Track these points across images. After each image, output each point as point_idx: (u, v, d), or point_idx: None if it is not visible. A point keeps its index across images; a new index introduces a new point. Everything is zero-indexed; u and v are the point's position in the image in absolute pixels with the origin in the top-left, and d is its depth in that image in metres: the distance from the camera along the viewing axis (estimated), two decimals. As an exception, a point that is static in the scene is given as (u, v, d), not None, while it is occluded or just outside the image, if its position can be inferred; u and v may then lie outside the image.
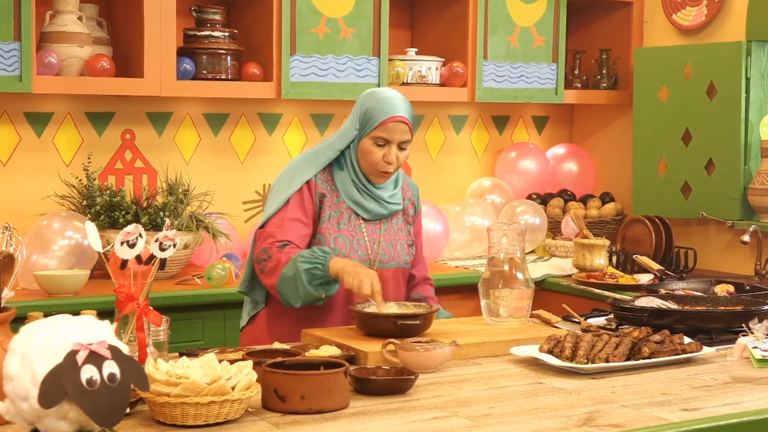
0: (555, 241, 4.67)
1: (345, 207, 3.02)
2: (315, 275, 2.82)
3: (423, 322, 2.73)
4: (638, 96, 4.75)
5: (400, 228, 3.11)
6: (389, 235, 3.07)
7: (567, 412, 2.16)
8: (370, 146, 2.97)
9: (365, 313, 2.75)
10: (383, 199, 3.05)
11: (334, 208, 3.00)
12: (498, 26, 4.59)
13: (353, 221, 3.02)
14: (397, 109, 2.97)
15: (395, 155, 2.98)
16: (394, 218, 3.11)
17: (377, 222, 3.06)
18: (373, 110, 2.97)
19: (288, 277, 2.84)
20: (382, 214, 3.06)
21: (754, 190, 4.32)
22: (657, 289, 3.52)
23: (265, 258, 2.91)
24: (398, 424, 2.06)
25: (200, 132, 4.35)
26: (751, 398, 2.30)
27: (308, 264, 2.82)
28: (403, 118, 2.97)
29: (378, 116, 2.96)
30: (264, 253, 2.92)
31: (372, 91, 3.05)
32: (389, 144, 2.97)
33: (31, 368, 1.69)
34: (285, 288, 2.86)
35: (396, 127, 2.97)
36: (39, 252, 3.64)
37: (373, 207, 3.04)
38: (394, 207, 3.08)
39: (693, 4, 4.63)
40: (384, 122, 2.96)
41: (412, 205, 3.18)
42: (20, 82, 3.62)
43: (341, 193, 3.02)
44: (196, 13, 4.14)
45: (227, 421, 2.03)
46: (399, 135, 2.97)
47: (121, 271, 2.25)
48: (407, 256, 3.10)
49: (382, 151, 2.97)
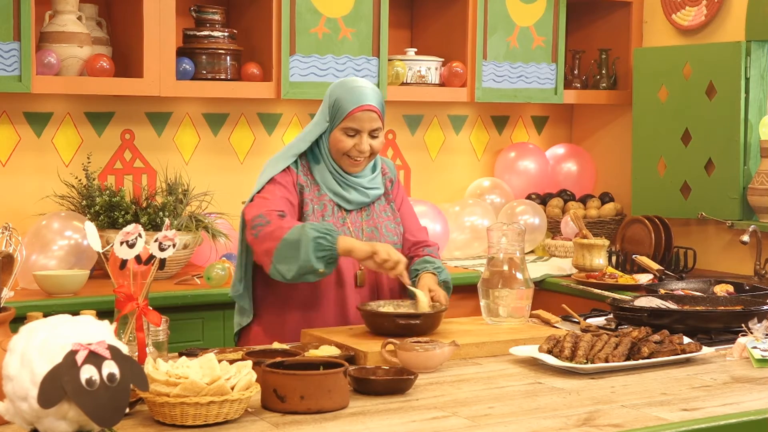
0: (554, 241, 4.67)
1: (327, 200, 3.00)
2: (322, 245, 2.77)
3: (424, 322, 2.74)
4: (638, 96, 4.75)
5: (382, 209, 3.10)
6: (372, 220, 3.05)
7: (566, 412, 2.16)
8: (341, 136, 2.96)
9: (370, 312, 2.77)
10: (363, 186, 3.04)
11: (316, 201, 2.99)
12: (497, 26, 4.59)
13: (336, 213, 3.00)
14: (365, 97, 2.95)
15: (367, 144, 2.96)
16: (377, 202, 3.09)
17: (359, 210, 3.05)
18: (341, 101, 2.96)
19: (290, 241, 2.77)
20: (364, 202, 3.04)
21: (753, 190, 4.32)
22: (656, 289, 3.52)
23: (263, 223, 2.84)
24: (398, 424, 2.06)
25: (200, 132, 4.35)
26: (750, 398, 2.31)
27: (317, 233, 2.78)
28: (371, 106, 2.95)
29: (346, 106, 2.95)
30: (261, 218, 2.85)
31: (340, 81, 3.03)
32: (360, 133, 2.95)
33: (30, 368, 1.69)
34: (283, 253, 2.78)
35: (365, 115, 2.95)
36: (38, 252, 3.64)
37: (354, 197, 3.02)
38: (376, 192, 3.07)
39: (692, 4, 4.63)
40: (352, 112, 2.94)
41: (390, 182, 3.16)
42: (20, 82, 3.62)
43: (322, 187, 3.00)
44: (196, 13, 4.14)
45: (227, 421, 2.03)
46: (369, 123, 2.95)
47: (120, 271, 2.25)
48: (394, 236, 3.08)
49: (353, 141, 2.96)
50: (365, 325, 2.81)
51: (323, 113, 3.01)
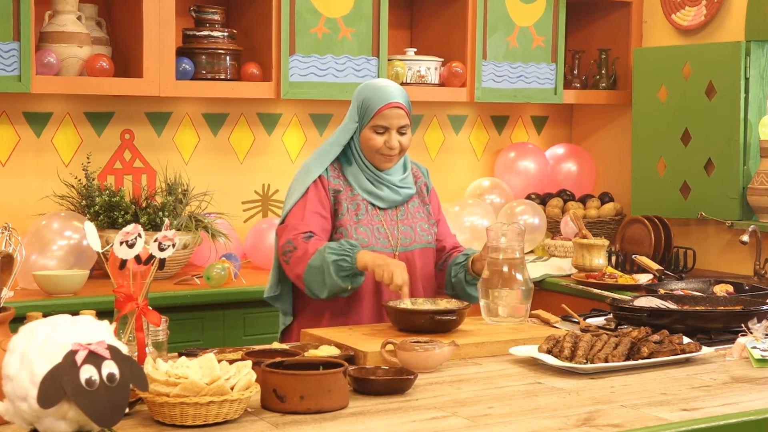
0: (554, 241, 4.67)
1: (361, 199, 3.08)
2: (342, 267, 2.88)
3: (459, 318, 2.80)
4: (637, 96, 4.75)
5: (417, 210, 3.18)
6: (407, 219, 3.14)
7: (566, 412, 2.16)
8: (371, 135, 3.06)
9: (401, 309, 2.79)
10: (395, 184, 3.12)
11: (350, 201, 3.07)
12: (497, 26, 4.59)
13: (371, 211, 3.08)
14: (391, 95, 3.06)
15: (396, 140, 3.06)
16: (410, 202, 3.18)
17: (394, 209, 3.13)
18: (369, 100, 3.07)
19: (315, 267, 2.90)
20: (397, 201, 3.13)
21: (753, 190, 4.32)
22: (656, 289, 3.52)
23: (291, 249, 2.97)
24: (397, 424, 2.06)
25: (199, 132, 4.35)
26: (750, 398, 2.30)
27: (336, 255, 2.89)
28: (398, 103, 3.06)
29: (374, 105, 3.05)
30: (289, 244, 2.98)
31: (366, 83, 3.15)
32: (389, 130, 3.06)
33: (30, 368, 1.69)
34: (311, 278, 2.92)
35: (392, 113, 3.05)
36: (38, 252, 3.64)
37: (387, 194, 3.10)
38: (408, 191, 3.15)
39: (692, 4, 4.63)
40: (380, 110, 3.05)
41: (424, 186, 3.26)
42: (19, 82, 3.62)
43: (355, 187, 3.09)
44: (196, 13, 4.14)
45: (226, 421, 2.03)
46: (396, 120, 3.06)
47: (120, 271, 2.25)
48: (428, 236, 3.16)
49: (383, 138, 3.06)
50: (391, 322, 2.83)
51: (351, 115, 3.11)
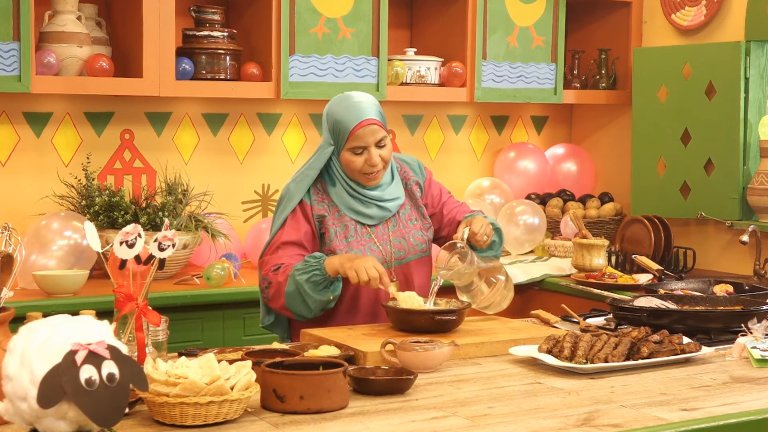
0: (554, 241, 4.67)
1: (348, 219, 3.02)
2: (316, 282, 2.85)
3: (459, 318, 2.80)
4: (637, 96, 4.75)
5: (409, 218, 3.11)
6: (399, 230, 3.07)
7: (566, 412, 2.16)
8: (350, 157, 2.97)
9: (401, 309, 2.79)
10: (383, 199, 3.05)
11: (338, 224, 3.01)
12: (497, 26, 4.59)
13: (360, 231, 3.02)
14: (362, 113, 2.95)
15: (377, 155, 2.97)
16: (401, 210, 3.10)
17: (383, 223, 3.07)
18: (340, 123, 2.96)
19: (292, 293, 2.88)
20: (386, 216, 3.06)
21: (753, 190, 4.32)
22: (656, 289, 3.52)
23: (266, 285, 2.97)
24: (397, 424, 2.06)
25: (199, 132, 4.35)
26: (750, 398, 2.31)
27: (306, 274, 2.86)
28: (371, 120, 2.96)
29: (347, 127, 2.94)
30: (264, 281, 2.98)
31: (334, 101, 3.03)
32: (366, 149, 2.96)
33: (30, 368, 1.69)
34: (293, 304, 2.90)
35: (367, 130, 2.95)
36: (38, 252, 3.64)
37: (374, 212, 3.04)
38: (396, 203, 3.08)
39: (692, 4, 4.63)
40: (354, 130, 2.94)
41: (416, 185, 3.16)
42: (19, 82, 3.62)
43: (341, 208, 3.02)
44: (195, 13, 4.14)
45: (226, 421, 2.03)
46: (372, 137, 2.96)
47: (120, 271, 2.25)
48: (423, 244, 3.11)
49: (363, 158, 2.96)
50: (391, 322, 2.83)
51: (326, 137, 3.02)
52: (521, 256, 4.65)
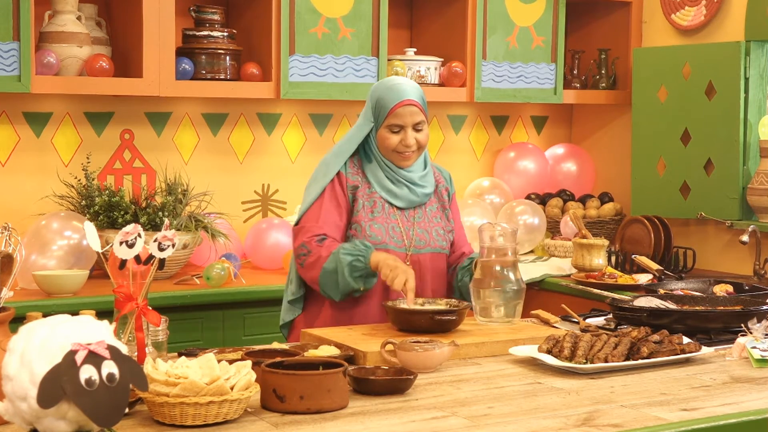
0: (554, 241, 4.67)
1: (378, 197, 3.10)
2: (356, 267, 2.92)
3: (458, 318, 2.80)
4: (637, 96, 4.75)
5: (434, 215, 3.18)
6: (423, 222, 3.14)
7: (566, 412, 2.16)
8: (387, 134, 3.08)
9: (401, 309, 2.80)
10: (414, 181, 3.13)
11: (367, 198, 3.09)
12: (497, 26, 4.59)
13: (387, 210, 3.09)
14: (404, 93, 3.08)
15: (413, 137, 3.08)
16: (428, 206, 3.18)
17: (411, 210, 3.14)
18: (382, 100, 3.09)
19: (329, 270, 2.94)
20: (414, 202, 3.13)
21: (752, 190, 4.32)
22: (656, 289, 3.52)
23: (305, 253, 3.01)
24: (397, 424, 2.06)
25: (199, 132, 4.35)
26: (749, 398, 2.31)
27: (350, 256, 2.92)
28: (411, 101, 3.07)
29: (387, 104, 3.07)
30: (303, 248, 3.02)
31: (380, 81, 3.19)
32: (404, 128, 3.07)
33: (30, 368, 1.69)
34: (326, 281, 2.96)
35: (406, 110, 3.07)
36: (38, 252, 3.63)
37: (405, 194, 3.11)
38: (425, 191, 3.15)
39: (692, 4, 4.63)
40: (394, 108, 3.06)
41: (446, 191, 3.27)
42: (19, 82, 3.62)
43: (373, 184, 3.11)
44: (195, 13, 4.14)
45: (226, 421, 2.03)
46: (411, 118, 3.07)
47: (119, 271, 2.25)
48: (443, 242, 3.16)
49: (399, 137, 3.07)
50: (391, 322, 2.83)
51: (366, 114, 3.13)
52: (521, 256, 4.64)
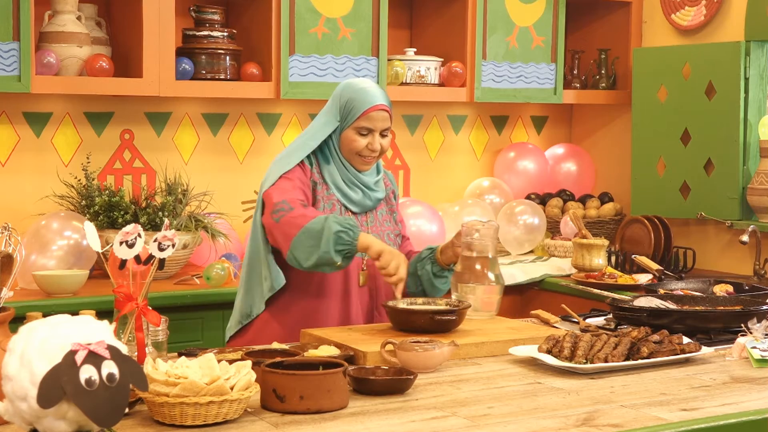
0: (554, 241, 4.67)
1: (336, 200, 3.06)
2: (342, 239, 2.82)
3: (458, 318, 2.79)
4: (637, 96, 4.75)
5: (385, 219, 3.17)
6: (375, 226, 3.12)
7: (566, 412, 2.16)
8: (354, 136, 3.03)
9: (401, 309, 2.79)
10: (369, 186, 3.09)
11: (326, 200, 3.05)
12: (497, 26, 4.59)
13: (343, 213, 3.05)
14: (377, 98, 3.05)
15: (378, 143, 3.05)
16: (379, 209, 3.16)
17: (364, 215, 3.11)
18: (353, 101, 3.04)
19: (312, 231, 2.82)
20: (367, 206, 3.11)
21: (753, 190, 4.32)
22: (656, 289, 3.52)
23: (286, 208, 2.89)
24: (397, 424, 2.06)
25: (199, 132, 4.35)
26: (749, 398, 2.31)
27: (339, 227, 2.83)
28: (383, 106, 3.05)
29: (359, 107, 3.02)
30: (284, 204, 2.90)
31: (348, 83, 3.11)
32: (372, 132, 3.04)
33: (29, 368, 1.69)
34: (302, 242, 2.83)
35: (378, 115, 3.03)
36: (38, 252, 3.64)
37: (360, 198, 3.08)
38: (377, 195, 3.13)
39: (692, 4, 4.63)
40: (366, 112, 3.02)
41: (393, 193, 3.25)
42: (19, 81, 3.62)
43: (330, 186, 3.06)
44: (195, 13, 4.14)
45: (226, 421, 2.03)
46: (381, 123, 3.04)
47: (119, 271, 2.25)
48: (393, 246, 3.12)
49: (366, 140, 3.04)
50: (391, 322, 2.83)
51: (333, 113, 3.07)
52: (521, 256, 4.65)
